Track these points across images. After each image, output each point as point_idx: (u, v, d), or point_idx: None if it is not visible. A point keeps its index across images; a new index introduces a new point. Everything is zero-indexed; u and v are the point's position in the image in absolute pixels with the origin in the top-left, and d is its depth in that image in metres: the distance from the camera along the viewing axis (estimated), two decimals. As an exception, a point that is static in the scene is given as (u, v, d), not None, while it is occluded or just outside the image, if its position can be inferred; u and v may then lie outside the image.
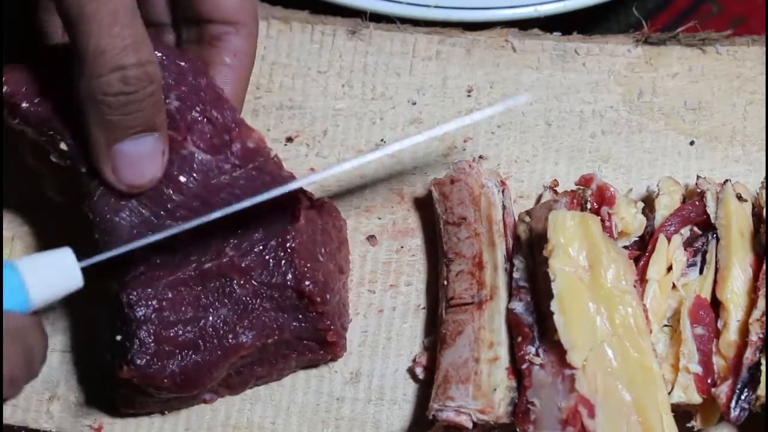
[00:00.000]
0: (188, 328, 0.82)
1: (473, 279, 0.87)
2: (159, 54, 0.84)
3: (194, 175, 0.84)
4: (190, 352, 0.82)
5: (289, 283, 0.83)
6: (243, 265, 0.83)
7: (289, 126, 0.98)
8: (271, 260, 0.83)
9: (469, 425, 0.82)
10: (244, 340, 0.83)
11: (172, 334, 0.81)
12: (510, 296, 0.85)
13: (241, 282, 0.83)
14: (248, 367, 0.86)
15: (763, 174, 0.93)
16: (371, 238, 0.93)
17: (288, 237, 0.83)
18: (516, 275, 0.86)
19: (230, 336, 0.82)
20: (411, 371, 0.89)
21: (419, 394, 0.88)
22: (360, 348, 0.90)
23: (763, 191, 0.88)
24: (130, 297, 0.82)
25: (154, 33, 0.86)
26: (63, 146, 0.83)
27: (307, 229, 0.85)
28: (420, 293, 0.91)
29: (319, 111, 0.98)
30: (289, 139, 0.97)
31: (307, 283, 0.83)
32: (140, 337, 0.81)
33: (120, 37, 0.76)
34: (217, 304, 0.83)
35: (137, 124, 0.80)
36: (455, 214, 0.90)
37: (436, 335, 0.88)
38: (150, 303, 0.82)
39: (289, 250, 0.83)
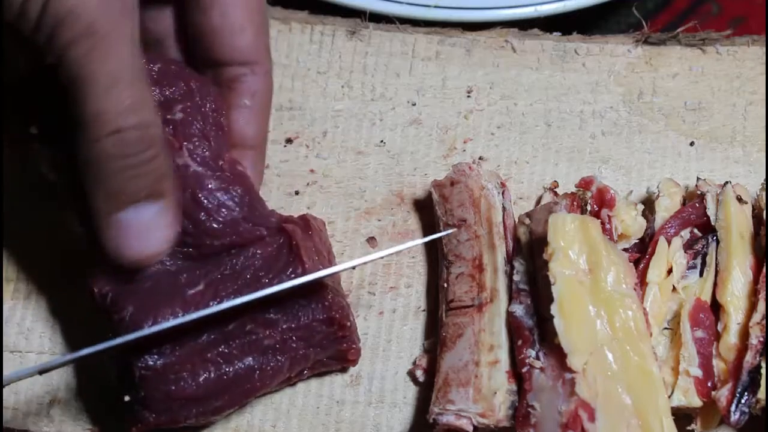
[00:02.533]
0: (212, 381, 0.80)
1: (473, 281, 0.87)
2: (173, 67, 0.84)
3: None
4: (209, 401, 0.81)
5: (318, 318, 0.83)
6: (267, 317, 0.82)
7: (288, 127, 0.97)
8: (295, 305, 0.83)
9: (470, 429, 0.82)
10: (271, 381, 0.83)
11: (191, 390, 0.80)
12: (510, 299, 0.85)
13: (266, 333, 0.82)
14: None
15: (764, 175, 0.93)
16: (371, 240, 0.93)
17: (311, 285, 0.82)
18: (516, 278, 0.86)
19: (256, 379, 0.82)
20: (411, 374, 0.89)
21: (419, 397, 0.88)
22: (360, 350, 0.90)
23: (764, 193, 0.88)
24: (141, 364, 0.80)
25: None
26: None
27: (312, 260, 0.84)
28: (420, 295, 0.91)
29: (319, 112, 0.98)
30: (289, 141, 0.97)
31: (336, 309, 0.83)
32: (150, 401, 0.79)
33: (118, 100, 0.73)
34: (241, 355, 0.81)
35: (137, 191, 0.76)
36: (455, 216, 0.90)
37: (436, 338, 0.88)
38: (162, 373, 0.80)
39: (314, 295, 0.83)
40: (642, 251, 0.88)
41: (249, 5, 0.85)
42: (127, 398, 0.80)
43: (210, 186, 0.83)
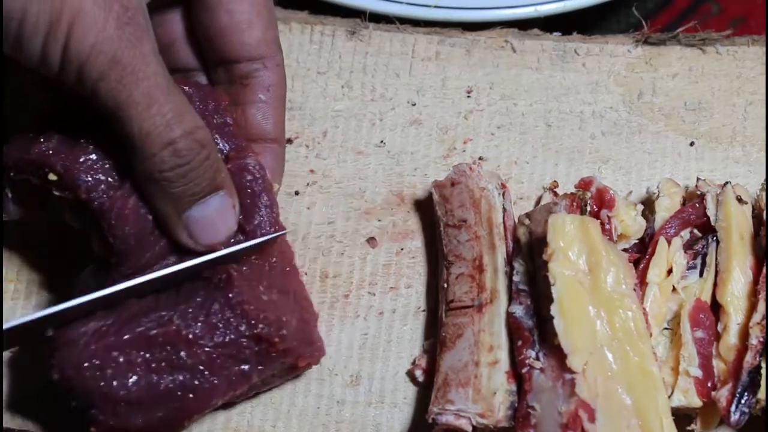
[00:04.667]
0: (142, 387, 0.79)
1: (473, 282, 0.87)
2: None
3: None
4: (152, 410, 0.80)
5: (244, 334, 0.81)
6: (190, 336, 0.80)
7: (288, 127, 0.97)
8: (219, 323, 0.81)
9: (469, 429, 0.82)
10: (208, 400, 0.81)
11: (123, 393, 0.79)
12: (510, 300, 0.85)
13: (191, 351, 0.80)
14: (235, 397, 0.85)
15: (764, 175, 0.93)
16: (371, 240, 0.93)
17: (229, 294, 0.81)
18: (516, 278, 0.86)
19: (191, 397, 0.80)
20: (411, 374, 0.89)
21: (419, 397, 0.88)
22: (360, 351, 0.90)
23: (764, 193, 0.88)
24: (63, 369, 0.79)
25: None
26: (52, 176, 0.82)
27: (243, 275, 0.83)
28: (420, 295, 0.91)
29: (319, 112, 0.98)
30: (289, 141, 0.97)
31: (261, 327, 0.81)
32: (90, 401, 0.79)
33: (160, 115, 0.76)
34: (170, 370, 0.80)
35: (200, 190, 0.80)
36: (455, 216, 0.90)
37: (436, 338, 0.88)
38: (88, 368, 0.79)
39: (234, 305, 0.81)
40: (642, 251, 0.88)
41: (255, 1, 0.86)
42: (74, 403, 0.80)
43: None
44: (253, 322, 0.81)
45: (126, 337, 0.80)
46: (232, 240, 0.84)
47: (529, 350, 0.82)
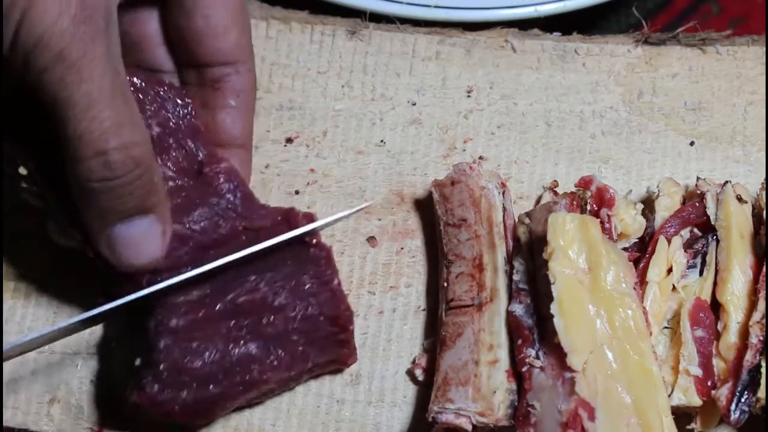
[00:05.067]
0: (213, 361, 0.81)
1: (473, 281, 0.87)
2: (138, 81, 0.84)
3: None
4: (209, 385, 0.81)
5: (326, 313, 0.83)
6: (276, 303, 0.83)
7: (288, 127, 0.97)
8: (307, 296, 0.83)
9: (469, 428, 0.82)
10: (266, 377, 0.83)
11: (193, 366, 0.80)
12: (510, 298, 0.85)
13: (272, 320, 0.82)
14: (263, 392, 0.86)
15: (764, 175, 0.93)
16: (371, 240, 0.93)
17: (322, 269, 0.84)
18: (516, 277, 0.86)
19: (255, 371, 0.82)
20: (411, 373, 0.89)
21: (419, 396, 0.88)
22: (360, 350, 0.89)
23: (763, 192, 0.88)
24: (159, 326, 0.81)
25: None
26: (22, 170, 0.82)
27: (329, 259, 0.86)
28: (420, 295, 0.91)
29: (319, 112, 0.98)
30: (289, 140, 0.97)
31: (343, 309, 0.84)
32: (159, 366, 0.80)
33: (98, 121, 0.74)
34: (247, 338, 0.82)
35: (127, 209, 0.78)
36: (455, 215, 0.90)
37: (436, 337, 0.88)
38: (177, 335, 0.81)
39: (327, 281, 0.84)
40: (642, 250, 0.88)
41: (231, 6, 0.85)
42: (138, 362, 0.81)
43: (196, 197, 0.84)
44: (338, 303, 0.83)
45: (218, 308, 0.81)
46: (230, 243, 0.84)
47: (529, 349, 0.82)
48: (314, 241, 0.85)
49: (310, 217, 0.86)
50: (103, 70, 0.74)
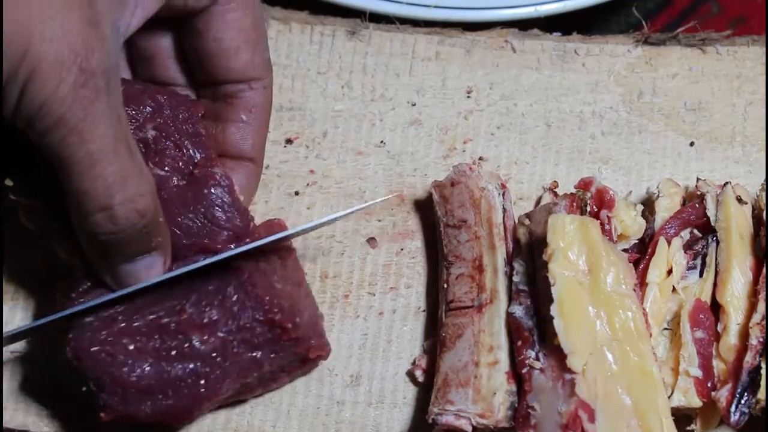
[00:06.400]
0: (152, 375, 0.81)
1: (473, 282, 0.87)
2: (137, 87, 0.85)
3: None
4: (161, 397, 0.81)
5: (258, 318, 0.82)
6: (204, 321, 0.82)
7: (288, 128, 0.97)
8: (234, 307, 0.82)
9: (469, 429, 0.82)
10: (219, 387, 0.82)
11: (134, 379, 0.80)
12: (510, 300, 0.85)
13: (203, 338, 0.82)
14: (242, 392, 0.86)
15: (763, 176, 0.93)
16: (371, 241, 0.93)
17: (243, 279, 0.83)
18: (516, 279, 0.86)
19: (202, 384, 0.81)
20: (411, 374, 0.89)
21: (419, 397, 0.88)
22: (360, 351, 0.90)
23: (763, 193, 0.88)
24: (76, 350, 0.81)
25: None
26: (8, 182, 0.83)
27: (256, 262, 0.84)
28: (420, 296, 0.91)
29: (319, 112, 0.98)
30: (289, 141, 0.97)
31: (275, 311, 0.82)
32: (100, 385, 0.80)
33: (101, 178, 0.75)
34: (181, 358, 0.81)
35: (131, 253, 0.80)
36: (455, 216, 0.90)
37: (435, 338, 0.88)
38: (99, 353, 0.81)
39: (249, 289, 0.83)
40: (642, 252, 0.88)
41: (242, 25, 0.85)
42: (84, 388, 0.81)
43: (178, 196, 0.84)
44: (266, 306, 0.82)
45: (136, 324, 0.81)
46: (233, 245, 0.84)
47: (529, 350, 0.82)
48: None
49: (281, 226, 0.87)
50: (105, 128, 0.74)
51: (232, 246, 0.84)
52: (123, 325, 0.81)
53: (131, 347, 0.81)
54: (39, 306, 0.92)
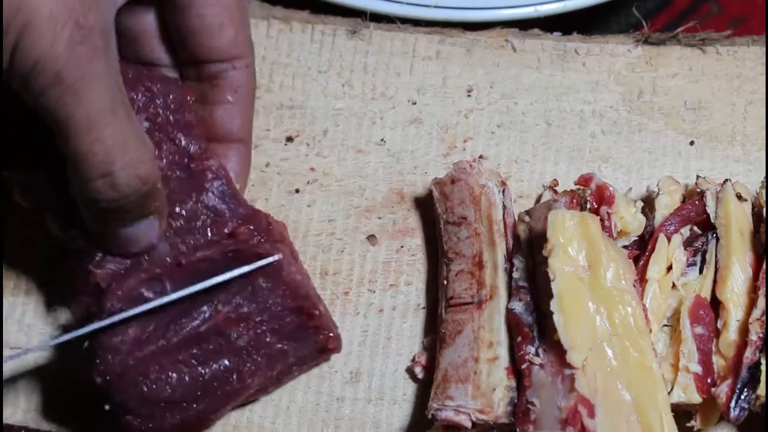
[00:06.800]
0: (184, 384, 0.81)
1: (473, 279, 0.87)
2: (131, 74, 0.84)
3: None
4: (187, 405, 0.81)
5: (288, 306, 0.83)
6: (241, 312, 0.83)
7: (289, 126, 0.98)
8: (265, 295, 0.83)
9: (468, 425, 0.82)
10: (249, 382, 0.83)
11: (165, 395, 0.80)
12: (510, 296, 0.85)
13: (240, 332, 0.83)
14: (260, 390, 0.86)
15: (763, 173, 0.93)
16: (371, 238, 0.93)
17: (272, 268, 0.83)
18: (516, 275, 0.86)
19: (235, 381, 0.82)
20: (410, 371, 0.89)
21: (419, 393, 0.88)
22: (360, 348, 0.90)
23: (763, 191, 0.88)
24: (104, 374, 0.80)
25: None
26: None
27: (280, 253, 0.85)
28: (420, 293, 0.92)
29: (320, 111, 0.98)
30: (289, 139, 0.97)
31: (304, 296, 0.84)
32: (126, 407, 0.80)
33: (99, 141, 0.73)
34: (215, 357, 0.82)
35: (131, 218, 0.80)
36: (455, 213, 0.90)
37: (435, 335, 0.88)
38: (130, 377, 0.80)
39: (280, 275, 0.84)
40: (642, 248, 0.88)
41: (225, 2, 0.85)
42: (107, 407, 0.81)
43: (179, 190, 0.85)
44: (298, 291, 0.83)
45: (175, 340, 0.81)
46: (232, 248, 0.84)
47: (529, 346, 0.82)
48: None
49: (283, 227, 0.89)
50: (103, 89, 0.73)
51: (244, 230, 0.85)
52: (154, 347, 0.81)
53: (165, 365, 0.81)
54: (39, 302, 0.92)
